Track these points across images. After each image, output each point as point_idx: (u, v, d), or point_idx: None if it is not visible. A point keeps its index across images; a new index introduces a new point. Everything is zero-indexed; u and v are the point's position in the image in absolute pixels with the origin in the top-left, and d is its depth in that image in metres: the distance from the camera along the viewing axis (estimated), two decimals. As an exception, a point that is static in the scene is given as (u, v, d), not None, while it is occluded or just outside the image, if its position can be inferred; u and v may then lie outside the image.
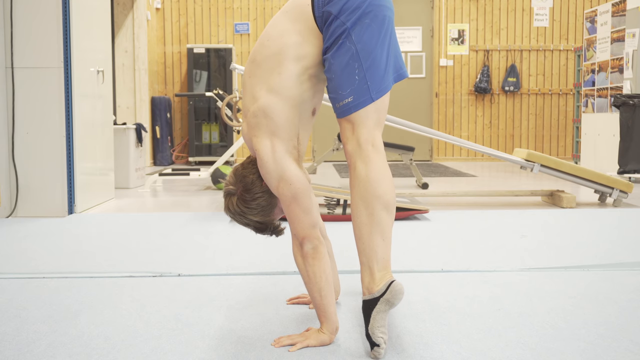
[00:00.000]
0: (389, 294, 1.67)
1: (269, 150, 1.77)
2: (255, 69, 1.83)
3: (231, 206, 1.87)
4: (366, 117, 1.74)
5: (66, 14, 4.07)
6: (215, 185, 5.68)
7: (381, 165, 1.72)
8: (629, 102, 6.01)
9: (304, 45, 1.78)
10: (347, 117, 1.74)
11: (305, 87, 1.80)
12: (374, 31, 1.73)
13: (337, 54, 1.72)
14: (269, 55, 1.80)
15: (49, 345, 1.78)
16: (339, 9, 1.72)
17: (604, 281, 2.45)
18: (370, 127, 1.74)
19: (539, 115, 9.46)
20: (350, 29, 1.71)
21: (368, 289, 1.70)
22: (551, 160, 4.55)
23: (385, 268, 1.70)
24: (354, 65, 1.72)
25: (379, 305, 1.67)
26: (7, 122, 4.02)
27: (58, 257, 2.92)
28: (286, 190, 1.76)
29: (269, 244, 3.17)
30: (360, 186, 1.72)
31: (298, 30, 1.78)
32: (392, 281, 1.68)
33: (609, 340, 1.81)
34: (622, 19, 7.09)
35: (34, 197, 4.07)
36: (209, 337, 1.85)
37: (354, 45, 1.71)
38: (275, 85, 1.77)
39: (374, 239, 1.70)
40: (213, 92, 6.36)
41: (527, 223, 3.81)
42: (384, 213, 1.71)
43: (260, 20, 9.22)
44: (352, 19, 1.71)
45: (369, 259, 1.70)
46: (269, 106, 1.77)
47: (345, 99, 1.73)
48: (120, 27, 7.96)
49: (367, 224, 1.71)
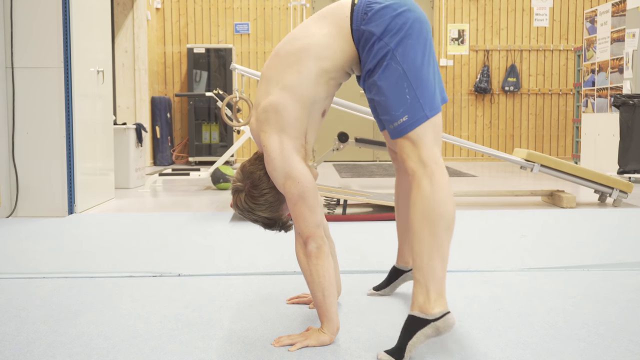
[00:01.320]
0: (441, 322, 1.64)
1: (277, 146, 1.76)
2: (276, 63, 1.82)
3: (239, 203, 1.87)
4: (424, 134, 1.71)
5: (66, 14, 4.07)
6: (215, 185, 5.68)
7: (446, 184, 1.70)
8: (629, 102, 6.01)
9: (330, 48, 1.77)
10: (405, 135, 1.72)
11: (321, 89, 1.80)
12: (417, 51, 1.72)
13: (384, 75, 1.71)
14: (292, 51, 1.80)
15: (49, 345, 1.78)
16: (382, 30, 1.71)
17: (604, 281, 2.45)
18: (430, 144, 1.71)
19: (539, 115, 9.46)
20: (394, 50, 1.70)
21: (421, 308, 1.67)
22: (551, 160, 4.55)
23: (441, 292, 1.68)
24: (403, 85, 1.70)
25: (427, 328, 1.65)
26: (7, 122, 4.02)
27: (58, 257, 2.92)
28: (293, 189, 1.75)
29: (269, 244, 3.17)
30: (424, 203, 1.68)
31: (329, 33, 1.78)
32: (449, 312, 1.66)
33: (609, 340, 1.81)
34: (622, 19, 7.09)
35: (34, 197, 4.07)
36: (208, 337, 1.85)
37: (400, 66, 1.70)
38: (291, 83, 1.77)
39: (434, 259, 1.67)
40: (213, 92, 6.36)
41: (527, 223, 3.81)
42: (446, 233, 1.68)
43: (260, 20, 9.22)
44: (396, 40, 1.70)
45: (426, 278, 1.67)
46: (281, 103, 1.76)
47: (400, 119, 1.71)
48: (120, 27, 7.96)
49: (428, 243, 1.67)
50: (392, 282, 2.27)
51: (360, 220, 3.87)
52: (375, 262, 2.78)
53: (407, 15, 1.72)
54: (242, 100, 5.31)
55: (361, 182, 6.29)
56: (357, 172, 7.42)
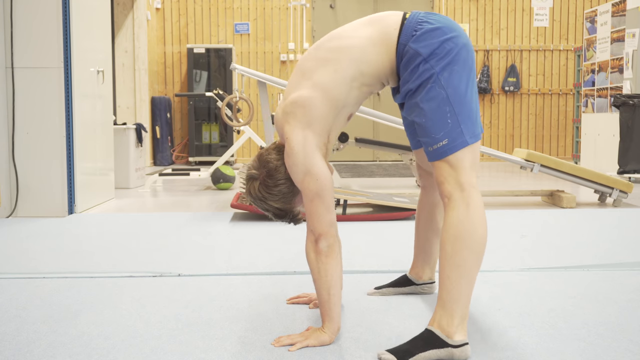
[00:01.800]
0: (459, 351, 1.65)
1: (301, 141, 1.75)
2: (314, 57, 1.82)
3: (252, 191, 1.86)
4: (463, 158, 1.70)
5: (66, 14, 4.07)
6: (215, 185, 5.68)
7: (481, 209, 1.70)
8: (629, 102, 6.01)
9: (371, 53, 1.77)
10: (443, 159, 1.71)
11: (353, 94, 1.79)
12: (462, 77, 1.71)
13: (427, 97, 1.70)
14: (333, 48, 1.79)
15: (49, 345, 1.78)
16: (430, 52, 1.70)
17: (604, 281, 2.45)
18: (468, 169, 1.71)
19: (539, 115, 9.46)
20: (438, 74, 1.69)
21: (442, 328, 1.67)
22: (551, 160, 4.55)
23: (464, 318, 1.68)
24: (446, 109, 1.69)
25: (443, 350, 1.65)
26: (7, 122, 4.03)
27: (58, 257, 2.92)
28: (311, 185, 1.74)
29: (269, 244, 3.17)
30: (459, 227, 1.67)
31: (373, 39, 1.77)
32: (467, 343, 1.67)
33: (609, 340, 1.81)
34: (622, 19, 7.09)
35: (34, 197, 4.07)
36: (208, 337, 1.85)
37: (444, 90, 1.69)
38: (324, 81, 1.76)
39: (462, 284, 1.67)
40: (213, 92, 6.36)
41: (527, 223, 3.81)
42: (477, 258, 1.68)
43: (260, 20, 9.22)
44: (442, 65, 1.69)
45: (452, 301, 1.67)
46: (311, 99, 1.76)
47: (439, 142, 1.70)
48: (120, 27, 7.96)
49: (458, 267, 1.67)
50: (398, 288, 2.27)
51: (360, 220, 3.87)
52: (375, 262, 2.78)
53: (456, 41, 1.72)
54: (242, 100, 5.31)
55: (361, 182, 6.29)
56: (357, 172, 7.42)
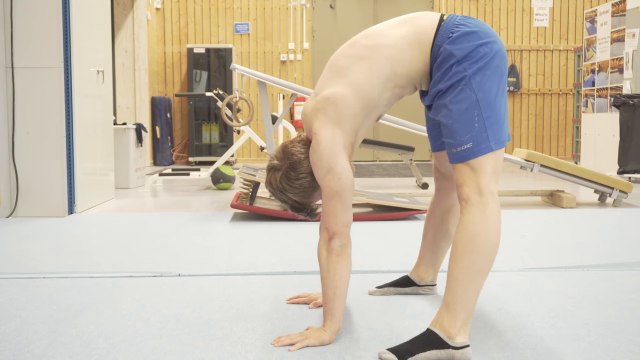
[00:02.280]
0: (459, 353, 1.65)
1: (330, 138, 1.75)
2: (349, 53, 1.81)
3: (274, 181, 1.86)
4: (486, 164, 1.71)
5: (66, 14, 4.07)
6: (215, 185, 5.68)
7: (498, 216, 1.70)
8: (629, 102, 6.01)
9: (406, 53, 1.76)
10: (466, 162, 1.71)
11: (386, 95, 1.79)
12: (493, 82, 1.71)
13: (456, 99, 1.70)
14: (368, 46, 1.79)
15: (49, 345, 1.78)
16: (464, 55, 1.70)
17: (604, 281, 2.45)
18: (489, 174, 1.71)
19: (539, 115, 9.46)
20: (471, 77, 1.69)
21: (445, 329, 1.67)
22: (551, 160, 4.55)
23: (467, 321, 1.68)
24: (474, 113, 1.69)
25: (443, 351, 1.65)
26: (7, 122, 4.03)
27: (58, 257, 2.92)
28: (333, 183, 1.74)
29: (269, 244, 3.17)
30: (473, 231, 1.67)
31: (409, 39, 1.77)
32: (469, 345, 1.67)
33: (609, 340, 1.81)
34: (622, 19, 7.09)
35: (34, 197, 4.07)
36: (209, 337, 1.85)
37: (475, 94, 1.69)
38: (359, 81, 1.76)
39: (469, 287, 1.67)
40: (213, 92, 6.36)
41: (527, 223, 3.81)
42: (487, 264, 1.68)
43: (260, 20, 9.23)
44: (475, 68, 1.69)
45: (457, 303, 1.67)
46: (343, 97, 1.76)
47: (463, 145, 1.70)
48: (120, 27, 7.96)
49: (467, 270, 1.67)
50: (399, 288, 2.27)
51: (360, 220, 3.87)
52: (375, 262, 2.78)
53: (492, 46, 1.72)
54: (242, 100, 5.31)
55: (361, 182, 6.29)
56: (357, 172, 7.42)
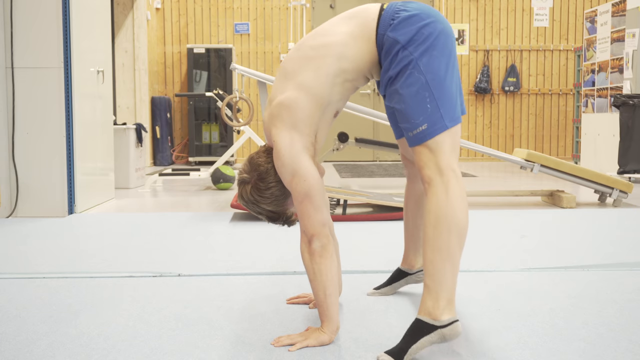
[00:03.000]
0: (448, 330, 1.64)
1: (288, 143, 1.76)
2: (296, 57, 1.83)
3: (245, 194, 1.87)
4: (443, 142, 1.71)
5: (66, 14, 4.07)
6: (215, 185, 5.68)
7: (461, 192, 1.70)
8: (629, 102, 6.01)
9: (352, 48, 1.77)
10: (423, 143, 1.72)
11: (336, 90, 1.80)
12: (441, 62, 1.72)
13: (406, 84, 1.71)
14: (314, 46, 1.80)
15: (49, 345, 1.78)
16: (408, 40, 1.71)
17: (604, 281, 2.45)
18: (448, 153, 1.71)
19: (539, 115, 9.46)
20: (417, 60, 1.70)
21: (429, 313, 1.66)
22: (551, 160, 4.54)
23: (450, 299, 1.68)
24: (425, 95, 1.70)
25: (433, 334, 1.65)
26: (7, 122, 4.03)
27: (58, 257, 2.92)
28: (300, 186, 1.75)
29: (269, 244, 3.17)
30: (439, 211, 1.68)
31: (353, 34, 1.78)
32: (456, 320, 1.66)
33: (609, 340, 1.81)
34: (622, 19, 7.09)
35: (34, 197, 4.07)
36: (209, 337, 1.85)
37: (423, 76, 1.70)
38: (307, 81, 1.77)
39: (445, 267, 1.67)
40: (213, 92, 6.36)
41: (527, 223, 3.81)
42: (458, 242, 1.69)
43: (260, 20, 9.22)
44: (420, 50, 1.70)
45: (436, 284, 1.67)
46: (295, 100, 1.77)
47: (419, 127, 1.71)
48: (120, 27, 7.95)
49: (440, 251, 1.67)
50: (394, 283, 2.27)
51: (360, 220, 3.87)
52: (375, 262, 2.78)
53: (434, 26, 1.72)
54: (242, 100, 5.31)
55: (361, 182, 6.29)
56: (357, 172, 7.42)
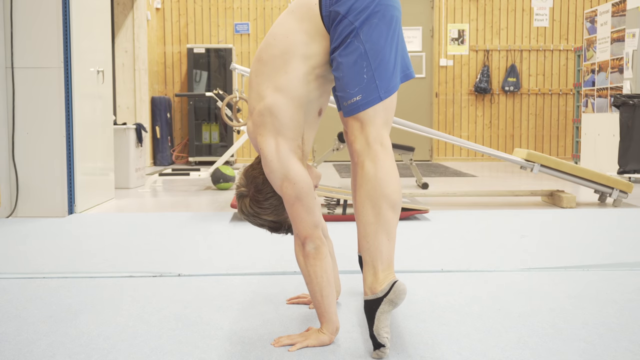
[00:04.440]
0: (392, 294, 1.66)
1: (274, 149, 1.76)
2: (262, 68, 1.82)
3: (244, 208, 1.87)
4: (375, 115, 1.72)
5: (66, 14, 4.07)
6: (215, 185, 5.68)
7: (390, 164, 1.71)
8: (629, 102, 6.01)
9: (311, 44, 1.77)
10: (355, 115, 1.73)
11: (312, 86, 1.80)
12: (382, 31, 1.72)
13: (345, 52, 1.72)
14: (276, 54, 1.79)
15: (49, 345, 1.78)
16: (347, 9, 1.71)
17: (604, 281, 2.45)
18: (379, 126, 1.73)
19: (539, 115, 9.46)
20: (358, 29, 1.71)
21: (371, 289, 1.69)
22: (551, 160, 4.54)
23: (389, 268, 1.69)
24: (362, 64, 1.71)
25: (382, 305, 1.66)
26: (7, 122, 4.03)
27: (58, 257, 2.92)
28: (290, 190, 1.75)
29: (269, 244, 3.17)
30: (368, 185, 1.70)
31: (305, 29, 1.78)
32: (395, 281, 1.67)
33: (609, 340, 1.81)
34: (622, 19, 7.09)
35: (34, 197, 4.07)
36: (209, 337, 1.85)
37: (362, 45, 1.71)
38: (282, 85, 1.77)
39: (380, 239, 1.69)
40: (213, 92, 6.36)
41: (527, 223, 3.81)
42: (390, 213, 1.70)
43: (260, 20, 9.23)
44: (361, 19, 1.71)
45: (373, 258, 1.69)
46: (275, 105, 1.76)
47: (353, 98, 1.72)
48: (120, 27, 7.95)
49: (373, 223, 1.69)
50: None
51: (360, 220, 3.86)
52: (375, 262, 2.78)
53: None
54: (242, 100, 5.31)
55: (361, 182, 6.28)
56: (357, 172, 7.40)
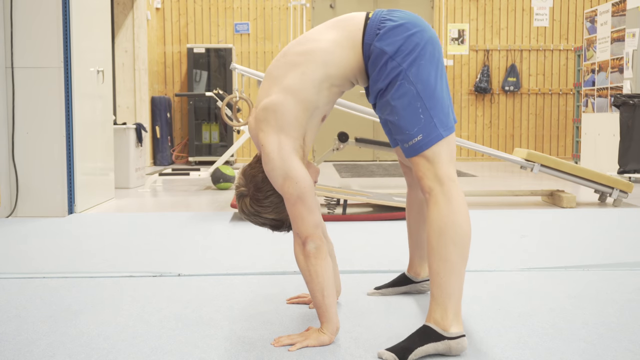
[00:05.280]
0: (455, 343, 1.66)
1: (276, 146, 1.75)
2: (282, 63, 1.82)
3: (245, 208, 1.87)
4: (440, 152, 1.72)
5: (66, 14, 4.07)
6: (215, 185, 5.68)
7: (462, 201, 1.71)
8: (629, 102, 6.01)
9: (338, 54, 1.77)
10: (420, 154, 1.72)
11: (323, 95, 1.80)
12: (430, 71, 1.72)
13: (397, 95, 1.71)
14: (300, 52, 1.80)
15: (49, 345, 1.78)
16: (395, 50, 1.71)
17: (604, 281, 2.45)
18: (445, 162, 1.72)
19: (539, 115, 9.46)
20: (406, 70, 1.70)
21: (438, 323, 1.68)
22: (551, 160, 4.54)
23: (457, 312, 1.69)
24: (417, 105, 1.70)
25: (440, 343, 1.66)
26: (7, 122, 4.02)
27: (58, 257, 2.92)
28: (292, 189, 1.74)
29: (269, 244, 3.17)
30: (441, 222, 1.69)
31: (339, 41, 1.78)
32: (464, 335, 1.68)
33: (609, 340, 1.81)
34: (622, 18, 7.09)
35: (34, 197, 4.07)
36: (209, 337, 1.85)
37: (414, 86, 1.70)
38: (294, 85, 1.77)
39: (451, 278, 1.68)
40: (213, 92, 6.36)
41: (527, 223, 3.81)
42: (462, 252, 1.70)
43: (260, 20, 9.22)
44: (408, 61, 1.70)
45: (444, 296, 1.68)
46: (281, 103, 1.76)
47: (414, 138, 1.71)
48: (120, 27, 7.95)
49: (445, 262, 1.68)
50: (397, 287, 2.27)
51: (360, 220, 3.87)
52: (375, 262, 2.78)
53: (421, 35, 1.73)
54: (242, 100, 5.31)
55: (361, 182, 6.29)
56: (357, 172, 7.42)
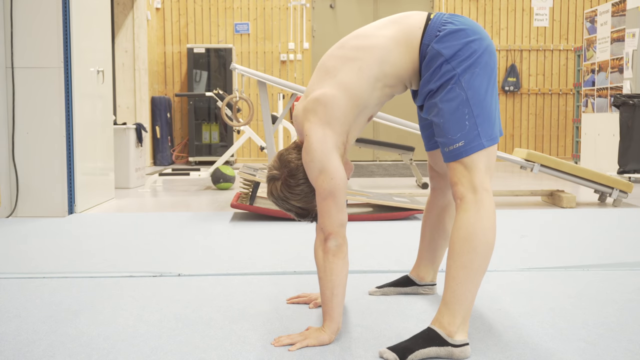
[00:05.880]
0: (458, 351, 1.66)
1: (321, 138, 1.75)
2: (339, 55, 1.82)
3: (275, 191, 1.86)
4: (478, 161, 1.72)
5: (66, 14, 4.07)
6: (215, 185, 5.68)
7: (493, 212, 1.71)
8: (629, 102, 6.01)
9: (395, 54, 1.77)
10: (458, 160, 1.72)
11: (375, 95, 1.80)
12: (482, 80, 1.72)
13: (446, 98, 1.71)
14: (358, 47, 1.80)
15: (49, 345, 1.78)
16: (452, 54, 1.71)
17: (603, 281, 2.45)
18: (482, 171, 1.72)
19: (539, 115, 9.46)
20: (459, 75, 1.70)
21: (444, 327, 1.68)
22: (551, 160, 4.54)
23: (466, 319, 1.69)
24: (464, 111, 1.71)
25: (443, 348, 1.66)
26: (7, 122, 4.03)
27: (58, 257, 2.92)
28: (326, 184, 1.75)
29: (269, 244, 3.18)
30: (469, 229, 1.69)
31: (397, 40, 1.78)
32: (468, 344, 1.68)
33: (609, 340, 1.81)
34: (622, 18, 7.09)
35: (34, 197, 4.07)
36: (209, 337, 1.85)
37: (464, 92, 1.70)
38: (348, 80, 1.77)
39: (467, 286, 1.68)
40: (213, 92, 6.36)
41: (527, 223, 3.81)
42: (484, 262, 1.70)
43: (260, 20, 9.23)
44: (463, 66, 1.70)
45: (455, 302, 1.68)
46: (333, 97, 1.76)
47: (455, 143, 1.72)
48: (120, 27, 7.96)
49: (465, 268, 1.68)
50: (399, 288, 2.27)
51: (360, 220, 3.87)
52: (375, 262, 2.78)
53: (480, 43, 1.73)
54: (242, 100, 5.31)
55: (361, 182, 6.29)
56: (357, 172, 7.42)
